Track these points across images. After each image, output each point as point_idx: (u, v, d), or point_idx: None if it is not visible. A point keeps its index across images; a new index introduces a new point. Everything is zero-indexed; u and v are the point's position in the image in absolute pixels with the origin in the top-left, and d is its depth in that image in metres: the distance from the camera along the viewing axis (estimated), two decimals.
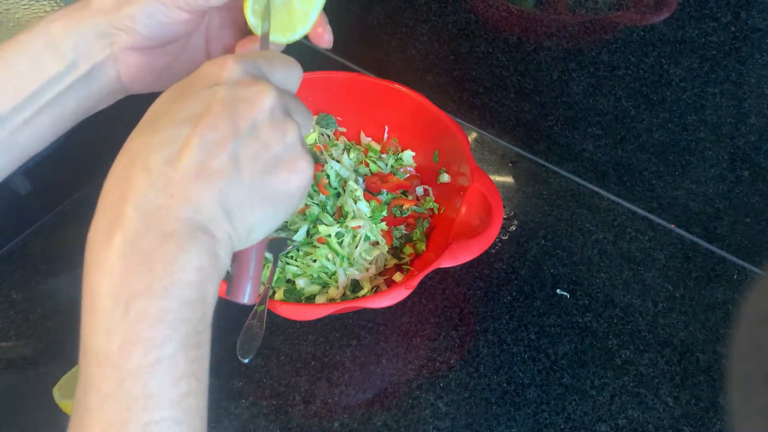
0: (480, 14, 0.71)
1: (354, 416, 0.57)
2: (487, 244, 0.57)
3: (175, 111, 0.32)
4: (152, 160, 0.30)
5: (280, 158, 0.33)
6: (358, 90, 0.74)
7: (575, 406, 0.58)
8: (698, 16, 0.57)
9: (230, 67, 0.33)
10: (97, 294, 0.29)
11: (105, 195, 0.31)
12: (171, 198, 0.30)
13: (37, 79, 0.38)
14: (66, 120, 0.41)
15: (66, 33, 0.38)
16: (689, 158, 0.66)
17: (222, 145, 0.31)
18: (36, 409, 0.56)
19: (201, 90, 0.32)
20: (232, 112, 0.32)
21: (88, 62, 0.39)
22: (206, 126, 0.31)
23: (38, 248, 0.67)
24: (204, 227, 0.30)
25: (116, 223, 0.30)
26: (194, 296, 0.30)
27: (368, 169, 0.73)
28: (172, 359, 0.29)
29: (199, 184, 0.30)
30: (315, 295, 0.62)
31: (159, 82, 0.43)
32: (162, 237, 0.29)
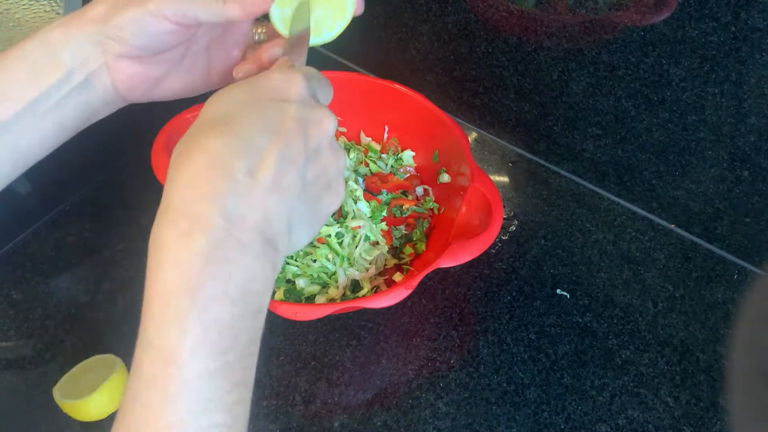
0: (480, 14, 0.71)
1: (354, 416, 0.57)
2: (487, 244, 0.57)
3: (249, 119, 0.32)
4: (235, 167, 0.30)
5: (331, 182, 0.35)
6: (358, 90, 0.74)
7: (575, 406, 0.58)
8: (698, 16, 0.57)
9: (299, 85, 0.34)
10: (172, 292, 0.29)
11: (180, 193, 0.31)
12: (251, 209, 0.30)
13: (37, 87, 0.39)
14: (67, 128, 0.41)
15: (64, 41, 0.39)
16: (689, 158, 0.66)
17: (294, 164, 0.32)
18: (36, 409, 0.56)
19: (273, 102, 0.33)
20: (304, 132, 0.33)
21: (83, 70, 0.39)
22: (283, 142, 0.32)
23: (38, 248, 0.67)
24: (272, 240, 0.31)
25: (199, 223, 0.30)
26: (258, 306, 0.31)
27: (368, 169, 0.73)
28: (232, 367, 0.30)
29: (274, 198, 0.31)
30: (315, 295, 0.62)
31: (157, 90, 0.43)
32: (240, 245, 0.30)
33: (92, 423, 0.54)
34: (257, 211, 0.31)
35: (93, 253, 0.67)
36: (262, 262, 0.31)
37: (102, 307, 0.63)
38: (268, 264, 0.31)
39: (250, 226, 0.30)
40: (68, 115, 0.40)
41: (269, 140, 0.32)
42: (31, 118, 0.39)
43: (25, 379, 0.58)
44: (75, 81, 0.39)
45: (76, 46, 0.39)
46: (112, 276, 0.65)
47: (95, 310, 0.62)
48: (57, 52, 0.39)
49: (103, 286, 0.64)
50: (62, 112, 0.40)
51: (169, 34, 0.40)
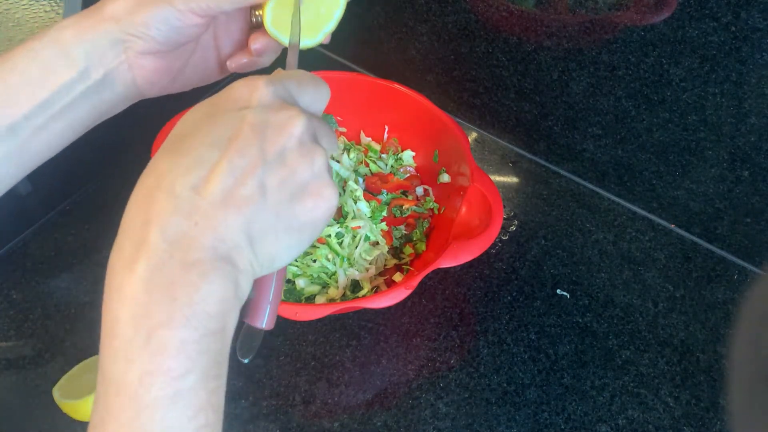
0: (480, 14, 0.71)
1: (354, 416, 0.57)
2: (487, 244, 0.57)
3: (202, 133, 0.31)
4: (179, 185, 0.29)
5: (307, 186, 0.32)
6: (358, 90, 0.74)
7: (575, 406, 0.58)
8: (698, 16, 0.57)
9: (261, 89, 0.32)
10: (118, 321, 0.28)
11: (128, 218, 0.30)
12: (196, 225, 0.29)
13: (49, 87, 0.38)
14: (77, 127, 0.41)
15: (77, 40, 0.38)
16: (689, 158, 0.66)
17: (250, 172, 0.30)
18: (36, 409, 0.56)
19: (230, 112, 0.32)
20: (261, 137, 0.31)
21: (101, 69, 0.39)
22: (235, 152, 0.30)
23: (38, 248, 0.67)
24: (227, 256, 0.30)
25: (140, 248, 0.29)
26: (215, 327, 0.29)
27: (368, 169, 0.73)
28: (192, 391, 0.28)
29: (225, 212, 0.29)
30: (315, 295, 0.62)
31: (174, 83, 0.43)
32: (186, 266, 0.28)
33: None
34: (204, 228, 0.29)
35: (93, 253, 0.67)
36: (216, 280, 0.29)
37: (101, 307, 0.62)
38: (226, 283, 0.29)
39: (197, 246, 0.29)
40: (80, 114, 0.40)
41: (219, 152, 0.30)
42: (41, 118, 0.38)
43: (25, 379, 0.58)
44: (91, 80, 0.39)
45: (90, 45, 0.38)
46: None
47: (95, 310, 0.62)
48: (69, 51, 0.38)
49: (103, 286, 0.64)
50: (74, 112, 0.39)
51: (194, 26, 0.40)
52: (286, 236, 0.32)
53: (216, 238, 0.29)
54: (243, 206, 0.30)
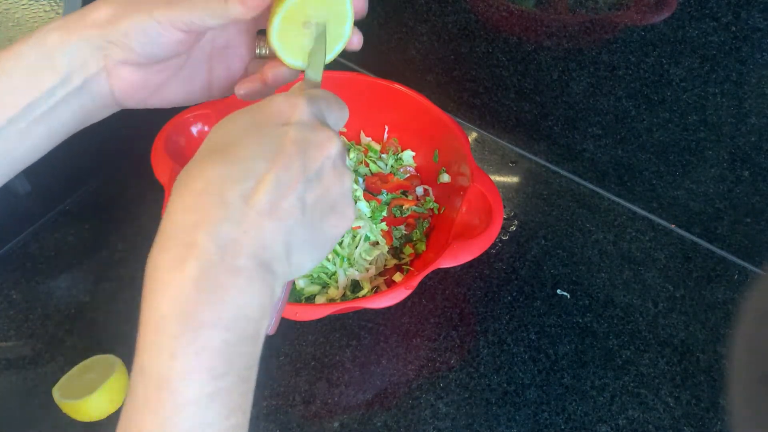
0: (480, 14, 0.71)
1: (354, 416, 0.57)
2: (487, 244, 0.57)
3: (248, 144, 0.32)
4: (229, 193, 0.31)
5: (335, 204, 0.35)
6: (358, 90, 0.74)
7: (575, 406, 0.58)
8: (698, 16, 0.57)
9: (302, 108, 0.34)
10: (164, 318, 0.29)
11: (175, 218, 0.31)
12: (245, 234, 0.30)
13: (33, 91, 0.38)
14: (60, 132, 0.40)
15: (61, 45, 0.38)
16: (689, 158, 0.66)
17: (293, 187, 0.32)
18: (36, 409, 0.56)
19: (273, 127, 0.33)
20: (303, 155, 0.33)
21: (81, 75, 0.39)
22: (281, 166, 0.32)
23: (38, 248, 0.67)
24: (268, 265, 0.31)
25: (191, 249, 0.30)
26: (253, 332, 0.31)
27: (368, 169, 0.73)
28: (228, 392, 0.30)
29: (270, 223, 0.31)
30: (315, 295, 0.62)
31: (153, 98, 0.42)
32: (233, 270, 0.30)
33: (92, 423, 0.54)
34: (252, 237, 0.30)
35: (93, 253, 0.67)
36: (258, 287, 0.30)
37: (102, 307, 0.63)
38: (265, 289, 0.31)
39: (244, 252, 0.30)
40: (62, 119, 0.40)
41: (266, 165, 0.32)
42: (24, 123, 0.38)
43: (25, 379, 0.58)
44: (71, 85, 0.39)
45: (74, 50, 0.38)
46: (112, 276, 0.65)
47: (95, 310, 0.62)
48: (54, 56, 0.38)
49: (103, 286, 0.64)
50: (56, 117, 0.39)
51: (175, 42, 0.39)
52: (314, 249, 0.34)
53: (261, 246, 0.31)
54: (286, 218, 0.32)
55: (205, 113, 0.68)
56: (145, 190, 0.71)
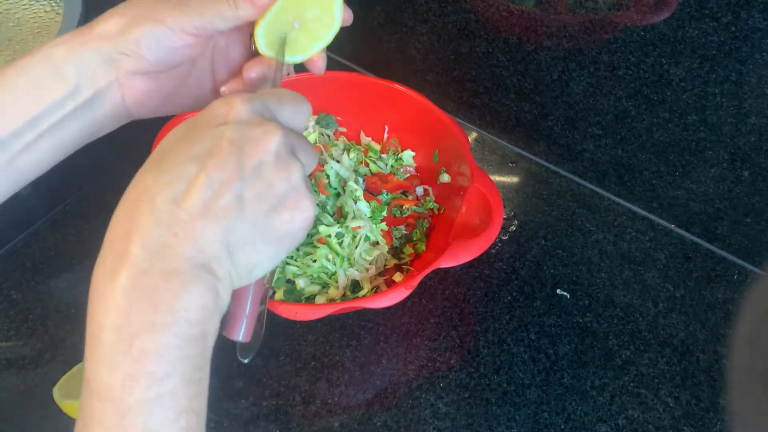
0: (480, 14, 0.71)
1: (354, 416, 0.57)
2: (487, 244, 0.57)
3: (182, 150, 0.32)
4: (159, 198, 0.30)
5: (284, 198, 0.33)
6: (358, 90, 0.74)
7: (575, 406, 0.58)
8: (698, 16, 0.57)
9: (238, 107, 0.33)
10: (101, 328, 0.29)
11: (111, 231, 0.32)
12: (176, 236, 0.30)
13: (39, 104, 0.38)
14: (67, 146, 0.40)
15: (69, 58, 0.38)
16: (689, 158, 0.66)
17: (228, 185, 0.31)
18: (36, 409, 0.56)
19: (209, 129, 0.33)
20: (238, 152, 0.32)
21: (91, 87, 0.39)
22: (213, 166, 0.31)
23: (38, 248, 0.67)
24: (207, 266, 0.31)
25: (122, 259, 0.30)
26: (196, 333, 0.30)
27: (368, 169, 0.73)
28: (173, 395, 0.29)
29: (204, 224, 0.31)
30: (315, 296, 0.62)
31: (165, 106, 0.43)
32: (166, 275, 0.30)
33: None
34: (184, 239, 0.30)
35: (93, 253, 0.66)
36: (196, 289, 0.30)
37: None
38: (205, 291, 0.30)
39: (177, 255, 0.30)
40: (70, 132, 0.40)
41: (198, 166, 0.31)
42: (30, 136, 0.38)
43: (25, 379, 0.58)
44: (81, 98, 0.39)
45: (81, 62, 0.38)
46: None
47: None
48: (61, 68, 0.38)
49: None
50: (64, 131, 0.39)
51: (187, 47, 0.39)
52: (264, 247, 0.33)
53: (195, 248, 0.30)
54: (221, 217, 0.31)
55: None
56: None
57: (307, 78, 0.73)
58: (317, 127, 0.75)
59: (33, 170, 0.40)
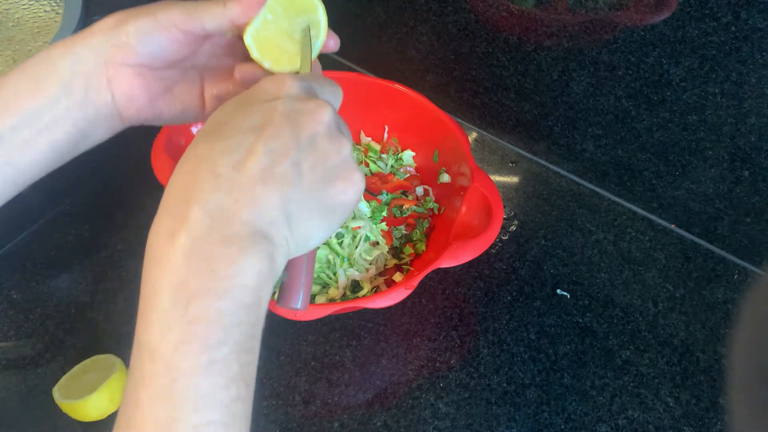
0: (480, 14, 0.71)
1: (354, 416, 0.57)
2: (487, 244, 0.57)
3: (237, 121, 0.33)
4: (219, 164, 0.31)
5: (337, 170, 0.35)
6: (358, 90, 0.74)
7: (575, 406, 0.58)
8: (698, 16, 0.57)
9: (288, 83, 0.35)
10: (158, 291, 0.30)
11: (169, 195, 0.32)
12: (236, 201, 0.31)
13: (35, 99, 0.38)
14: (63, 147, 0.40)
15: (65, 53, 0.39)
16: (689, 158, 0.66)
17: (285, 154, 0.32)
18: (36, 409, 0.56)
19: (261, 103, 0.34)
20: (294, 123, 0.33)
21: (83, 83, 0.39)
22: (270, 135, 0.32)
23: (38, 248, 0.67)
24: (265, 232, 0.31)
25: (182, 222, 0.30)
26: (251, 300, 0.31)
27: (368, 170, 0.73)
28: (225, 362, 0.29)
29: (263, 188, 0.31)
30: (315, 296, 0.62)
31: (152, 108, 0.43)
32: (225, 239, 0.30)
33: (92, 423, 0.54)
34: (244, 204, 0.31)
35: (93, 253, 0.67)
36: (253, 255, 0.30)
37: (102, 307, 0.63)
38: (262, 256, 0.31)
39: (237, 220, 0.30)
40: (66, 132, 0.40)
41: (255, 135, 0.32)
42: (28, 132, 0.38)
43: (25, 379, 0.58)
44: (74, 96, 0.39)
45: (76, 58, 0.39)
46: (112, 276, 0.65)
47: (95, 310, 0.62)
48: (56, 64, 0.39)
49: (103, 286, 0.64)
50: (59, 129, 0.40)
51: (174, 43, 0.40)
52: (319, 216, 0.34)
53: (255, 212, 0.31)
54: (280, 184, 0.32)
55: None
56: (146, 191, 0.71)
57: None
58: None
59: (31, 170, 0.40)
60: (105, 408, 0.54)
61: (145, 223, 0.32)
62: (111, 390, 0.53)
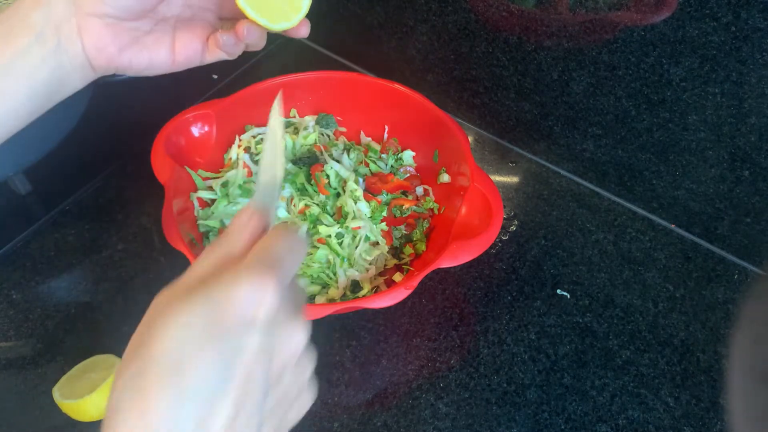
0: (480, 14, 0.71)
1: (354, 416, 0.57)
2: (487, 244, 0.57)
3: (205, 364, 0.29)
4: (182, 419, 0.28)
5: (296, 398, 0.34)
6: (358, 90, 0.74)
7: (575, 406, 0.58)
8: (698, 16, 0.57)
9: (269, 301, 0.30)
10: None
11: (124, 415, 0.30)
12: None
13: (9, 49, 0.40)
14: (41, 96, 0.42)
15: (35, 6, 0.40)
16: (689, 158, 0.66)
17: (252, 403, 0.30)
18: (36, 409, 0.56)
19: (234, 336, 0.30)
20: (266, 364, 0.30)
21: (54, 32, 0.40)
22: (240, 390, 0.29)
23: (38, 248, 0.67)
24: None
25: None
26: None
27: (368, 169, 0.73)
28: None
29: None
30: (315, 296, 0.62)
31: (121, 57, 0.43)
32: None
33: (92, 423, 0.54)
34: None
35: (93, 253, 0.67)
36: None
37: (102, 307, 0.63)
38: None
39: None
40: (41, 79, 0.41)
41: (223, 388, 0.29)
42: (4, 82, 0.40)
43: (25, 379, 0.58)
44: (47, 45, 0.41)
45: (46, 9, 0.40)
46: (112, 276, 0.65)
47: (95, 310, 0.62)
48: (28, 16, 0.40)
49: (103, 286, 0.64)
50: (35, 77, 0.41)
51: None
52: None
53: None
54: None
55: (206, 113, 0.68)
56: (145, 190, 0.71)
57: (307, 78, 0.73)
58: (317, 127, 0.75)
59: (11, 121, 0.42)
60: (105, 408, 0.54)
61: (146, 224, 0.32)
62: None
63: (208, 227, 0.65)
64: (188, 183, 0.66)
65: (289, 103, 0.76)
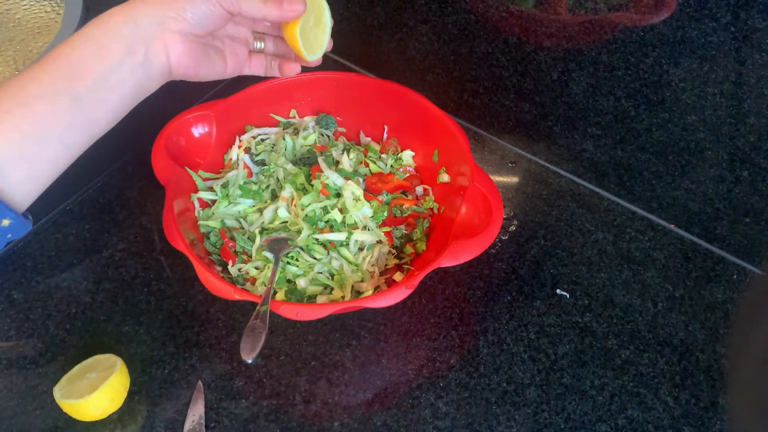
0: (480, 14, 0.71)
1: (354, 416, 0.57)
2: (487, 244, 0.57)
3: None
4: None
5: None
6: (358, 90, 0.74)
7: (575, 406, 0.58)
8: (698, 16, 0.57)
9: None
10: None
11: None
12: None
13: (103, 62, 0.45)
14: (128, 100, 0.47)
15: (126, 21, 0.46)
16: (689, 158, 0.67)
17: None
18: (36, 409, 0.56)
19: None
20: None
21: (143, 46, 0.46)
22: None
23: (38, 248, 0.67)
24: None
25: None
26: None
27: (368, 170, 0.73)
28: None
29: None
30: (316, 296, 0.62)
31: (196, 68, 0.50)
32: None
33: (92, 423, 0.54)
34: None
35: (93, 253, 0.67)
36: None
37: (102, 307, 0.63)
38: None
39: None
40: (130, 87, 0.47)
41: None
42: (101, 92, 0.45)
43: (25, 378, 0.58)
44: (137, 57, 0.46)
45: (136, 26, 0.46)
46: (112, 276, 0.65)
47: (95, 310, 0.62)
48: (120, 31, 0.45)
49: (103, 286, 0.64)
50: (126, 86, 0.46)
51: (218, 17, 0.48)
52: None
53: None
54: None
55: (206, 114, 0.68)
56: (146, 190, 0.71)
57: (308, 78, 0.73)
58: (317, 128, 0.75)
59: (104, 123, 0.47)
60: (105, 407, 0.54)
61: (146, 224, 0.32)
62: (111, 390, 0.53)
63: (208, 228, 0.65)
64: (189, 183, 0.66)
65: (289, 103, 0.76)
